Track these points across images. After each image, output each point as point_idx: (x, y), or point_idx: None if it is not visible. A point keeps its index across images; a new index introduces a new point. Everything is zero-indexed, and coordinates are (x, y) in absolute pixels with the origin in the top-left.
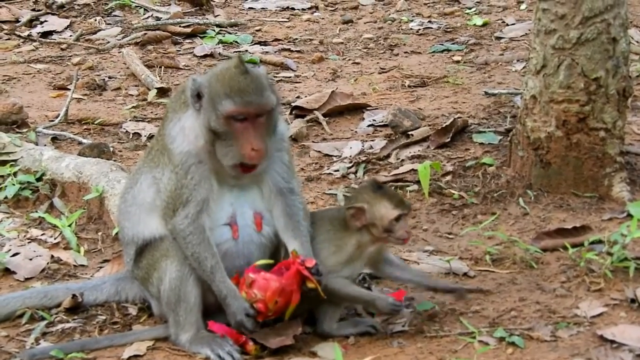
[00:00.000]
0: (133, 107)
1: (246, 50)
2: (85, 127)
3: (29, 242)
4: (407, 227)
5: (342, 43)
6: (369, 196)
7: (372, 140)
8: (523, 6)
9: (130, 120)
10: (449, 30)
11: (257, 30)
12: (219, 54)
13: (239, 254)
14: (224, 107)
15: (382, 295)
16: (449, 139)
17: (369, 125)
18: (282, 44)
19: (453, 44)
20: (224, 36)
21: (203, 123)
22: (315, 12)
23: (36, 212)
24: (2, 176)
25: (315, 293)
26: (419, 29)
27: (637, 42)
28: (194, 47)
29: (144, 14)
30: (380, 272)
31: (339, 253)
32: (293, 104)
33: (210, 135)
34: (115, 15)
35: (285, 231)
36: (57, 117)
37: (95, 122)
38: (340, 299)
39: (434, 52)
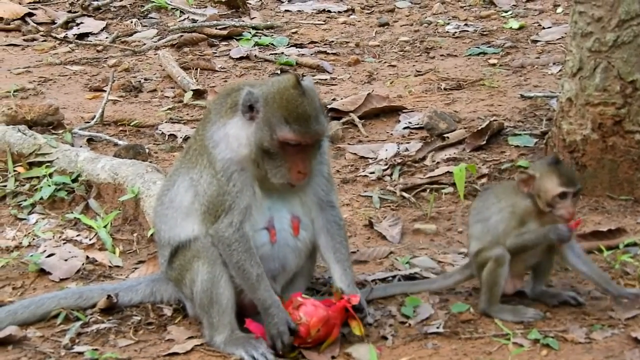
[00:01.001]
0: (169, 108)
1: (282, 53)
2: (121, 128)
3: (64, 243)
4: (571, 208)
5: (378, 46)
6: (542, 167)
7: (408, 143)
8: (559, 9)
9: (166, 122)
10: (485, 33)
11: (293, 33)
12: (255, 56)
13: (275, 258)
14: (282, 132)
15: (553, 226)
16: (484, 142)
17: (404, 128)
18: (318, 47)
19: (489, 47)
20: (260, 38)
21: (254, 139)
22: (351, 14)
23: (72, 213)
24: (38, 177)
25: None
26: (455, 32)
27: None
28: (230, 50)
29: (180, 16)
30: (565, 260)
31: (510, 219)
32: (329, 106)
33: (259, 151)
34: (152, 17)
35: (327, 251)
36: (92, 119)
37: (131, 124)
38: (522, 250)
39: (470, 55)
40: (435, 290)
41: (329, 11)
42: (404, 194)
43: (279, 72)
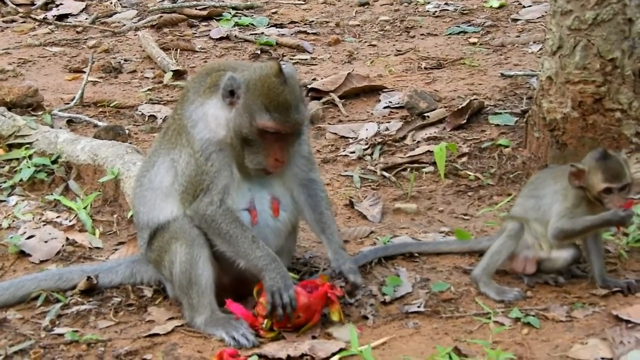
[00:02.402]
0: (149, 89)
1: (262, 33)
2: (100, 109)
3: (44, 225)
4: (618, 201)
5: (358, 25)
6: (590, 162)
7: (388, 122)
8: None
9: (145, 103)
10: (465, 12)
11: (273, 13)
12: (235, 36)
13: None
14: (262, 120)
15: (610, 211)
16: (464, 121)
17: (385, 107)
18: (298, 27)
19: (469, 26)
20: (240, 19)
21: (233, 125)
22: None
23: (51, 194)
24: (18, 159)
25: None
26: (436, 11)
27: None
28: (210, 30)
29: None
30: (586, 245)
31: (565, 200)
32: (309, 86)
33: (238, 137)
34: None
35: (312, 224)
36: (72, 100)
37: (111, 105)
38: (577, 234)
39: (450, 34)
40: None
41: None
42: (385, 173)
43: (258, 52)
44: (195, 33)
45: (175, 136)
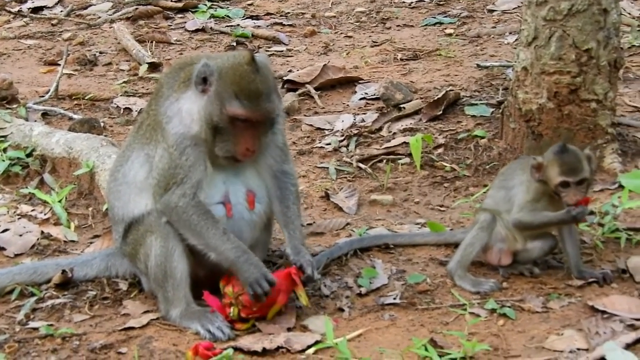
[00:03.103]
0: (124, 82)
1: (238, 25)
2: (75, 102)
3: (19, 218)
4: (575, 196)
5: (334, 17)
6: (549, 155)
7: (364, 114)
8: None
9: (121, 96)
10: (441, 3)
11: (249, 5)
12: (211, 28)
13: (230, 231)
14: (231, 107)
15: (563, 211)
16: (440, 112)
17: (360, 99)
18: (274, 18)
19: (445, 17)
20: (215, 10)
21: (204, 113)
22: None
23: (26, 188)
24: None
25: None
26: (412, 2)
27: (629, 13)
28: (185, 22)
29: None
30: (561, 236)
31: (527, 192)
32: (285, 78)
33: (209, 125)
34: None
35: (278, 216)
36: (47, 93)
37: (86, 98)
38: (534, 228)
39: (426, 25)
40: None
41: None
42: (361, 165)
43: (234, 44)
44: (171, 25)
45: (149, 131)
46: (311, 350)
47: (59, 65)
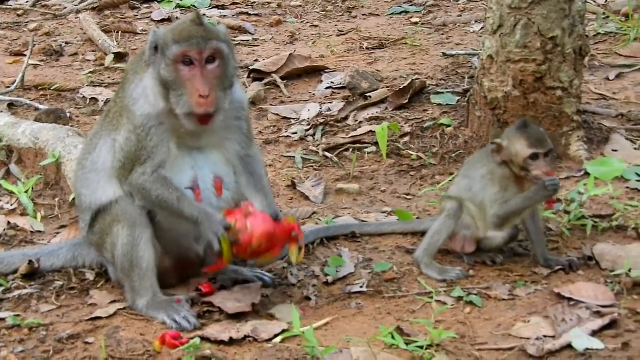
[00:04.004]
0: (90, 72)
1: (204, 14)
2: (42, 93)
3: None
4: (545, 167)
5: (300, 6)
6: (510, 133)
7: (330, 103)
8: None
9: (87, 86)
10: None
11: None
12: (177, 18)
13: None
14: (171, 51)
15: (537, 185)
16: (407, 101)
17: (327, 88)
18: (240, 8)
19: (411, 5)
20: (181, 0)
21: (156, 76)
22: None
23: None
24: None
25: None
26: None
27: (594, 1)
28: (151, 12)
29: None
30: (525, 226)
31: (493, 185)
32: (251, 67)
33: (163, 88)
34: None
35: (248, 187)
36: (13, 84)
37: (52, 88)
38: (515, 216)
39: (392, 14)
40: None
41: None
42: (327, 154)
43: None
44: (137, 15)
45: (117, 118)
46: (278, 339)
47: (25, 55)
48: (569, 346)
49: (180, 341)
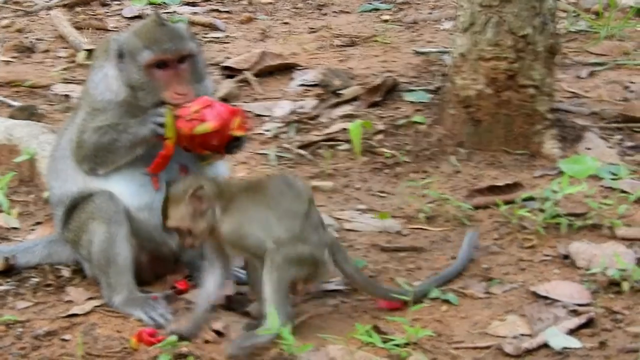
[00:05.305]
0: (62, 69)
1: (174, 12)
2: (14, 89)
3: None
4: None
5: (270, 3)
6: None
7: (303, 100)
8: None
9: (59, 83)
10: None
11: None
12: (148, 15)
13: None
14: (143, 57)
15: None
16: (379, 98)
17: (299, 85)
18: (210, 5)
19: (382, 3)
20: None
21: (125, 79)
22: None
23: None
24: None
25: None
26: None
27: None
28: (122, 9)
29: None
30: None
31: None
32: (223, 65)
33: (134, 90)
34: None
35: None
36: None
37: (25, 85)
38: None
39: (362, 11)
40: None
41: None
42: (301, 151)
43: None
44: (108, 12)
45: (80, 103)
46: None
47: None
48: (546, 345)
49: (156, 338)
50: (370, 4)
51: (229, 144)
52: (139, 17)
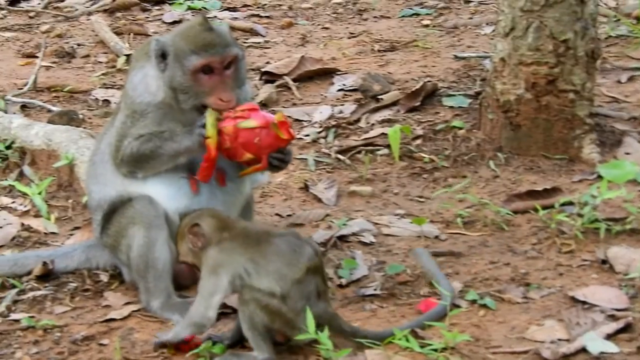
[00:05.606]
0: (102, 74)
1: (215, 17)
2: (54, 94)
3: None
4: None
5: (311, 8)
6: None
7: (342, 105)
8: None
9: (99, 88)
10: None
11: None
12: (188, 20)
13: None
14: (190, 61)
15: None
16: (419, 103)
17: (338, 90)
18: (251, 10)
19: (422, 7)
20: (192, 2)
21: (167, 81)
22: None
23: (6, 180)
24: None
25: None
26: None
27: (605, 4)
28: (162, 14)
29: None
30: None
31: None
32: (262, 70)
33: (170, 90)
34: None
35: None
36: (25, 85)
37: (65, 90)
38: None
39: (403, 16)
40: None
41: None
42: (339, 156)
43: None
44: (148, 17)
45: (119, 106)
46: (292, 343)
47: (37, 57)
48: (584, 349)
49: (194, 342)
50: (411, 8)
51: (273, 155)
52: (179, 22)
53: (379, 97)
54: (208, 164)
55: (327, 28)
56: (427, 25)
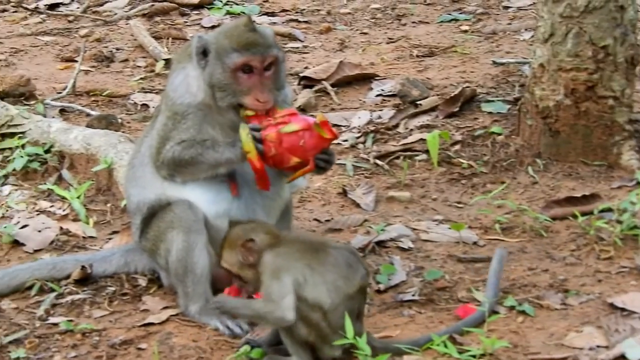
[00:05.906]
0: (141, 78)
1: (254, 22)
2: (93, 98)
3: (37, 214)
4: None
5: (349, 13)
6: None
7: (381, 110)
8: None
9: (138, 92)
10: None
11: (264, 1)
12: (238, 17)
13: (242, 215)
14: (232, 59)
15: None
16: (457, 109)
17: (377, 95)
18: (289, 15)
19: (461, 13)
20: (231, 7)
21: (207, 78)
22: None
23: (45, 184)
24: (11, 148)
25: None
26: None
27: None
28: (201, 19)
29: None
30: None
31: None
32: (301, 75)
33: (209, 87)
34: None
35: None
36: (64, 89)
37: (103, 94)
38: None
39: (441, 21)
40: None
41: None
42: (378, 161)
43: None
44: (187, 22)
45: (159, 108)
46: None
47: (76, 61)
48: (623, 356)
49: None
50: (450, 14)
51: (318, 157)
52: (217, 26)
53: (418, 102)
54: (258, 174)
55: (365, 33)
56: (465, 31)
